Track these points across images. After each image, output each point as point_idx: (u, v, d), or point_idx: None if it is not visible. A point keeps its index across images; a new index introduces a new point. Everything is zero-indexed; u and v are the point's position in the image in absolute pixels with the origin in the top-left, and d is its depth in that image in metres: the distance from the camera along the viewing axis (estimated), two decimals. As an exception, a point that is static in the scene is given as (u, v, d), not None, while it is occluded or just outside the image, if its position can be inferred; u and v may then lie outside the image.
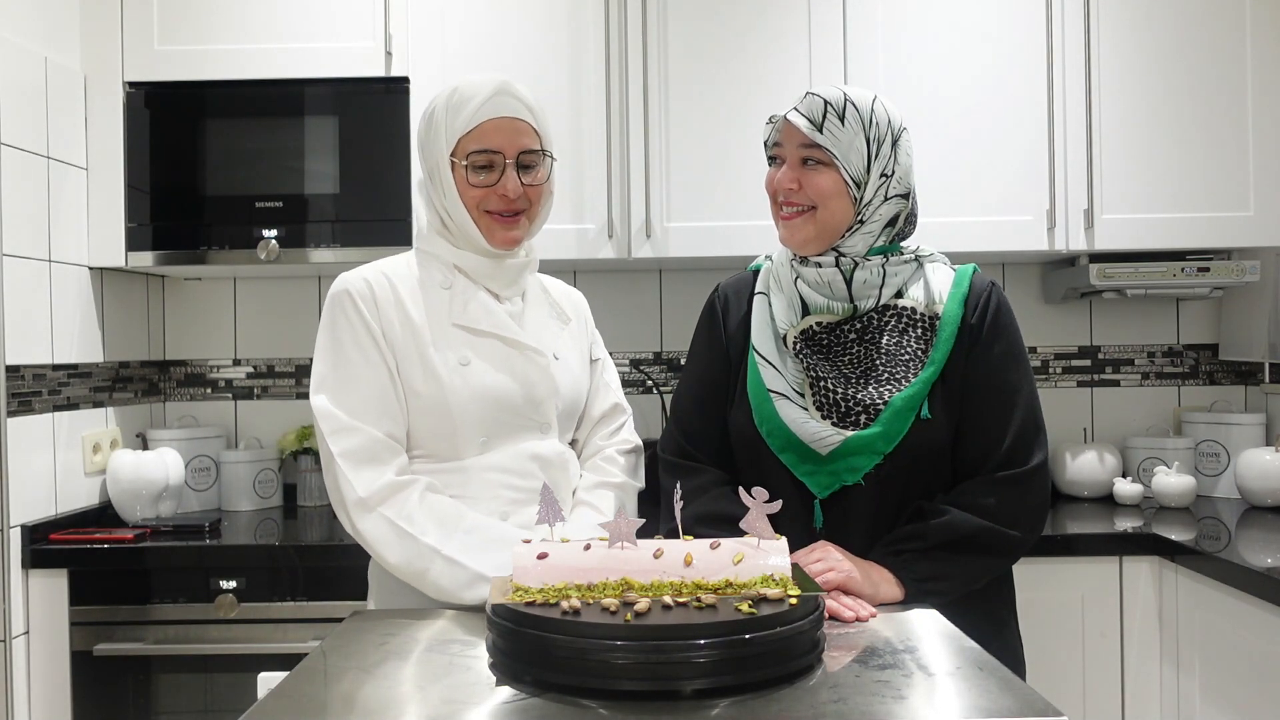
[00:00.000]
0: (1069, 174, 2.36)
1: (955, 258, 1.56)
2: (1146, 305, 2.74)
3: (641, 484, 1.66)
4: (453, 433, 1.47)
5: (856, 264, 1.45)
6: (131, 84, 2.39)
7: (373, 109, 2.36)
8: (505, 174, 1.47)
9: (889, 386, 1.42)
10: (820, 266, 1.46)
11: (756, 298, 1.54)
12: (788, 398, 1.44)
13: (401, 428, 1.47)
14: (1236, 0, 2.35)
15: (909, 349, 1.44)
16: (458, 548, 1.39)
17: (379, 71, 2.37)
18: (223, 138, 2.37)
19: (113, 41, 2.38)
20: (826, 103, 1.42)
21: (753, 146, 2.33)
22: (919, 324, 1.45)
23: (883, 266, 1.45)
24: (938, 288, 1.47)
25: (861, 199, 1.43)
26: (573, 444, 1.65)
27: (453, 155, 1.47)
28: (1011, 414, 1.42)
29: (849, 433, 1.40)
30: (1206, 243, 2.37)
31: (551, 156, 1.54)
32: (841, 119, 1.41)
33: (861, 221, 1.44)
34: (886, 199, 1.44)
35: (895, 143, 1.44)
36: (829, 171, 1.43)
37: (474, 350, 1.48)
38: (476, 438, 1.48)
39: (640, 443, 1.69)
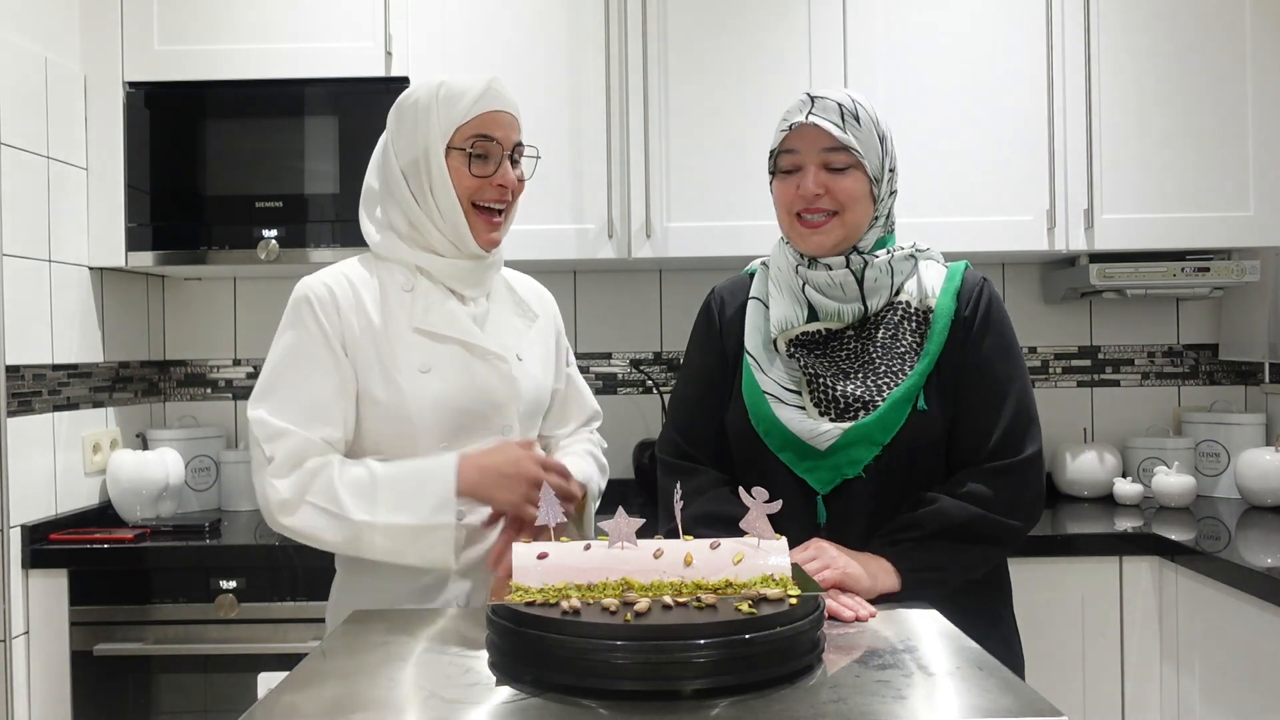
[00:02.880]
0: (1069, 174, 2.36)
1: (955, 258, 1.56)
2: (1146, 305, 2.74)
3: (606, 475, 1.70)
4: (413, 439, 1.46)
5: (866, 262, 1.46)
6: (131, 84, 2.39)
7: (373, 109, 2.35)
8: (502, 164, 1.48)
9: (885, 380, 1.43)
10: (831, 269, 1.46)
11: (751, 303, 1.55)
12: (781, 399, 1.45)
13: (340, 433, 1.44)
14: (1236, 1, 2.36)
15: (904, 342, 1.45)
16: (385, 512, 1.38)
17: (379, 71, 2.37)
18: (223, 138, 2.37)
19: (113, 41, 2.38)
20: (840, 105, 1.43)
21: (753, 147, 2.34)
22: (913, 318, 1.47)
23: (889, 263, 1.46)
24: (930, 283, 1.48)
25: (879, 196, 1.47)
26: (548, 438, 1.68)
27: (449, 144, 1.45)
28: (1003, 405, 1.43)
29: (846, 425, 1.41)
30: (1206, 243, 2.37)
31: (536, 155, 1.55)
32: (857, 120, 1.43)
33: (877, 218, 1.48)
34: (891, 193, 1.49)
35: (890, 139, 1.49)
36: (855, 173, 1.44)
37: (434, 357, 1.46)
38: (437, 443, 1.47)
39: (603, 442, 1.75)
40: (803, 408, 1.44)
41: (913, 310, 1.47)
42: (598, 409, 1.75)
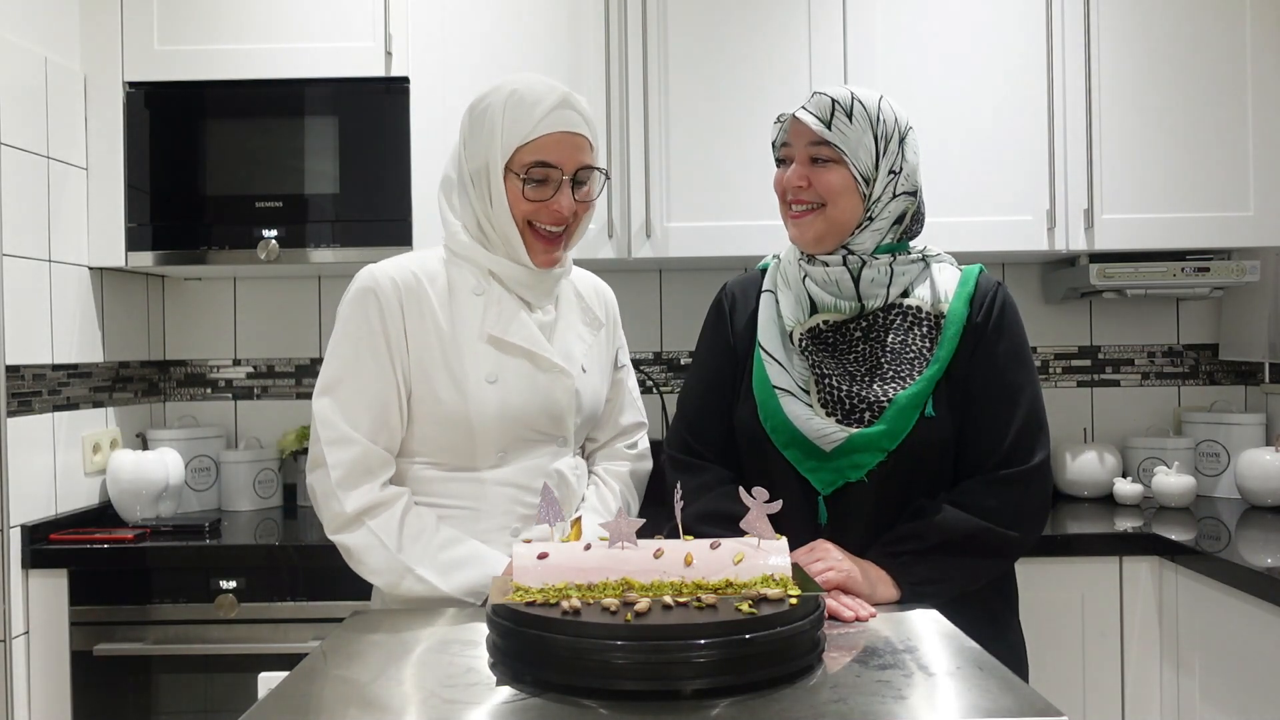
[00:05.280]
0: (1069, 174, 2.35)
1: (955, 258, 1.56)
2: (1146, 305, 2.74)
3: (641, 493, 1.70)
4: (471, 445, 1.46)
5: (864, 262, 1.46)
6: (131, 84, 2.38)
7: (373, 109, 2.36)
8: (560, 190, 1.44)
9: (894, 384, 1.42)
10: (828, 265, 1.46)
11: (764, 295, 1.55)
12: (793, 394, 1.45)
13: (397, 439, 1.46)
14: (1236, 1, 2.36)
15: (914, 347, 1.45)
16: (430, 567, 1.40)
17: (379, 71, 2.37)
18: (223, 138, 2.37)
19: (113, 41, 2.38)
20: (834, 101, 1.43)
21: (753, 147, 2.34)
22: (924, 322, 1.46)
23: (890, 265, 1.46)
24: (944, 287, 1.47)
25: (870, 195, 1.45)
26: (587, 440, 1.67)
27: (507, 165, 1.42)
28: (1014, 412, 1.43)
29: (853, 430, 1.41)
30: (1206, 243, 2.37)
31: (605, 173, 1.51)
32: (849, 117, 1.43)
33: (870, 219, 1.46)
34: (894, 196, 1.46)
35: (902, 140, 1.46)
36: (838, 169, 1.44)
37: (501, 366, 1.46)
38: (494, 451, 1.47)
39: (650, 456, 1.73)
40: (810, 406, 1.44)
41: (924, 315, 1.46)
42: (643, 420, 1.74)
